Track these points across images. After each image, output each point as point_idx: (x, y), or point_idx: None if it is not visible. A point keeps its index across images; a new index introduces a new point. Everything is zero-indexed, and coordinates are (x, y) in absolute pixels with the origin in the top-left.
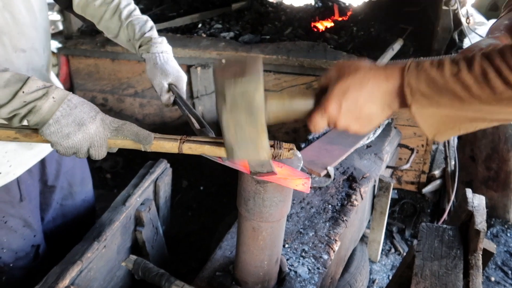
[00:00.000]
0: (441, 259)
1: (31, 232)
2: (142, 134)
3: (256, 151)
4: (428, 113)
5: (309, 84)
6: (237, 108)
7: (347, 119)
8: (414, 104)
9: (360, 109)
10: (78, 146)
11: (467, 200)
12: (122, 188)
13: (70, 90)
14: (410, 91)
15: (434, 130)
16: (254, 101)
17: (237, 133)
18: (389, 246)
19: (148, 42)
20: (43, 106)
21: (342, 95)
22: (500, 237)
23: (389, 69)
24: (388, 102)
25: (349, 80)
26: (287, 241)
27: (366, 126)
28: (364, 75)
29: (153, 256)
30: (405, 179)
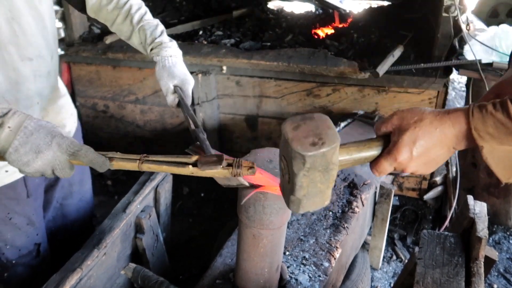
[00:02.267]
0: (442, 266)
1: (34, 230)
2: (97, 161)
3: (322, 201)
4: (500, 155)
5: (309, 91)
6: (314, 170)
7: (416, 165)
8: (486, 145)
9: (428, 155)
10: (41, 170)
11: (469, 207)
12: (123, 195)
13: (72, 97)
14: (479, 135)
15: (508, 172)
16: (331, 163)
17: (309, 190)
18: (391, 253)
19: (159, 46)
20: (0, 137)
21: (412, 144)
22: (502, 244)
23: (453, 115)
24: (454, 145)
25: (416, 129)
26: (287, 248)
27: (433, 167)
28: (430, 123)
29: (153, 264)
30: (406, 186)
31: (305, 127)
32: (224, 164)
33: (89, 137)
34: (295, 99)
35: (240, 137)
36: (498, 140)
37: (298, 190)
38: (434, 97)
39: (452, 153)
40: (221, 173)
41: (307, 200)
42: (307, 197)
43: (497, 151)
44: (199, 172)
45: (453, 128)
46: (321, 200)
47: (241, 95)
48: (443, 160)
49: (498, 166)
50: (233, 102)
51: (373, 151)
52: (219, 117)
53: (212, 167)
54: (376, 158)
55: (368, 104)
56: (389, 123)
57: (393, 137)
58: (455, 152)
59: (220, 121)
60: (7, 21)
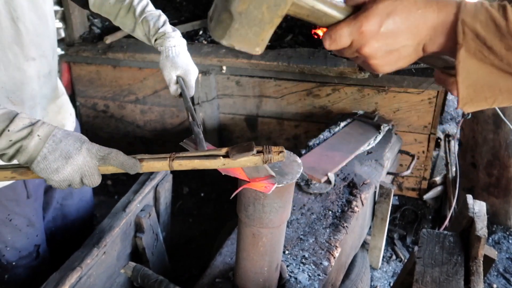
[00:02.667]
0: (442, 265)
1: (34, 231)
2: (127, 163)
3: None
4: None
5: (309, 91)
6: None
7: (378, 45)
8: (464, 46)
9: (396, 38)
10: (70, 178)
11: (468, 206)
12: (123, 194)
13: (72, 96)
14: (463, 30)
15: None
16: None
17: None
18: (390, 252)
19: (162, 37)
20: (29, 146)
21: (385, 15)
22: (502, 243)
23: (442, 2)
24: (428, 39)
25: (397, 2)
26: (287, 247)
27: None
28: (415, 2)
29: (153, 263)
30: (406, 186)
31: None
32: (254, 152)
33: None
34: (295, 99)
35: (240, 137)
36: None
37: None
38: (433, 97)
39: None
40: (253, 161)
41: (241, 25)
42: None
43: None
44: (231, 163)
45: (437, 16)
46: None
47: (241, 95)
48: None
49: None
50: (233, 102)
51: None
52: (219, 117)
53: (244, 155)
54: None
55: (368, 104)
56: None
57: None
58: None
59: (220, 121)
60: (11, 21)
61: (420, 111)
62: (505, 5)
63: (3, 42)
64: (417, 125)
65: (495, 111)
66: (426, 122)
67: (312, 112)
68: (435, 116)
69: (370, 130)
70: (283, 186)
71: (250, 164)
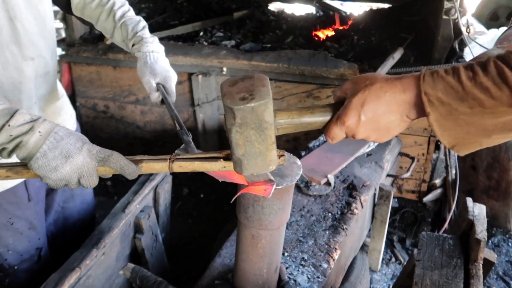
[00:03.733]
0: (441, 268)
1: (36, 234)
2: (127, 168)
3: (265, 164)
4: (447, 126)
5: (309, 92)
6: (247, 126)
7: (365, 130)
8: (433, 113)
9: (378, 121)
10: (67, 178)
11: (468, 209)
12: (122, 195)
13: (72, 97)
14: (428, 100)
15: (454, 142)
16: (264, 120)
17: (247, 149)
18: (390, 255)
19: (140, 42)
20: (29, 141)
21: (360, 107)
22: (502, 246)
23: (404, 80)
24: (406, 112)
25: (366, 92)
26: (286, 249)
27: (385, 136)
28: (380, 87)
29: (152, 264)
30: (406, 188)
31: (241, 84)
32: None
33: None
34: (295, 100)
35: None
36: (448, 107)
37: (235, 148)
38: None
39: (407, 123)
40: None
41: (248, 160)
42: (247, 157)
43: (446, 122)
44: (231, 166)
45: (404, 94)
46: (263, 163)
47: None
48: (397, 129)
49: (443, 135)
50: None
51: (318, 117)
52: (219, 118)
53: None
54: (327, 123)
55: None
56: (343, 88)
57: (346, 101)
58: (410, 122)
59: (220, 122)
60: (9, 20)
61: None
62: (458, 69)
63: (1, 41)
64: (417, 127)
65: None
66: (426, 124)
67: None
68: None
69: None
70: (282, 188)
71: None
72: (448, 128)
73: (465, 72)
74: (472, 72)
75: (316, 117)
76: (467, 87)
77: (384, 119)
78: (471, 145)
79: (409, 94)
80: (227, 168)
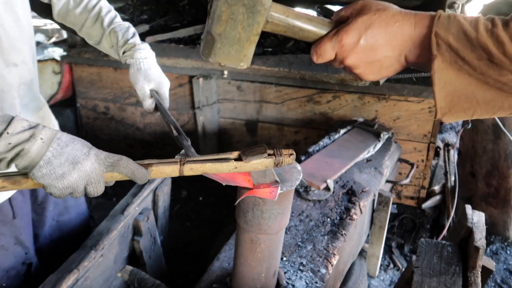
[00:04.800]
0: (439, 275)
1: (23, 249)
2: (138, 173)
3: (238, 57)
4: (448, 77)
5: (310, 97)
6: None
7: (359, 57)
8: (439, 57)
9: (376, 50)
10: (74, 186)
11: (467, 217)
12: (121, 197)
13: (72, 98)
14: (437, 42)
15: (448, 105)
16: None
17: (226, 29)
18: (388, 261)
19: (132, 48)
20: (31, 149)
21: (364, 29)
22: (500, 254)
23: (418, 15)
24: (406, 51)
25: (375, 15)
26: (285, 254)
27: (374, 73)
28: (392, 15)
29: (151, 266)
30: (405, 194)
31: None
32: (266, 154)
33: (89, 139)
34: (295, 105)
35: (239, 142)
36: (454, 55)
37: (215, 23)
38: (434, 106)
39: (401, 66)
40: (264, 163)
41: (222, 44)
42: (222, 40)
43: (447, 72)
44: (242, 166)
45: (414, 29)
46: (237, 54)
47: (241, 99)
48: (388, 70)
49: (441, 91)
50: (234, 107)
51: (314, 26)
52: (219, 121)
53: (257, 157)
54: (320, 37)
55: (368, 112)
56: (350, 7)
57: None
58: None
59: (220, 125)
60: None
61: (420, 120)
62: (478, 18)
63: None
64: (416, 134)
65: (495, 121)
66: (426, 131)
67: (312, 118)
68: (435, 125)
69: (370, 137)
70: (282, 192)
71: (262, 167)
72: (448, 81)
73: (484, 22)
74: (492, 24)
75: (311, 25)
76: (482, 36)
77: (382, 52)
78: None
79: (419, 30)
80: (239, 169)
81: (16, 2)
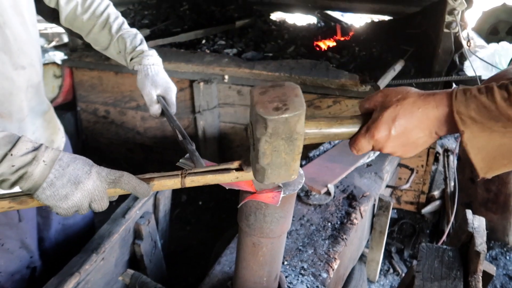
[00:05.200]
0: (441, 280)
1: (28, 253)
2: (140, 188)
3: (288, 174)
4: (480, 144)
5: (310, 102)
6: (277, 137)
7: (394, 145)
8: (466, 131)
9: (408, 136)
10: (78, 205)
11: (467, 221)
12: (120, 201)
13: (73, 101)
14: (461, 119)
15: (487, 165)
16: (295, 131)
17: (273, 159)
18: (388, 266)
19: (140, 55)
20: (34, 172)
21: (391, 122)
22: (499, 260)
23: (437, 96)
24: (436, 129)
25: (398, 107)
26: (286, 258)
27: (412, 151)
28: (413, 102)
29: (151, 270)
30: (405, 199)
31: (272, 93)
32: None
33: (89, 142)
34: None
35: (240, 146)
36: (480, 125)
37: (261, 158)
38: None
39: (434, 139)
40: None
41: (272, 170)
42: (271, 167)
43: (478, 140)
44: (244, 176)
45: (436, 110)
46: (286, 173)
47: (242, 104)
48: (424, 145)
49: (477, 156)
50: (234, 111)
51: (346, 128)
52: (219, 126)
53: None
54: (354, 135)
55: None
56: (372, 100)
57: (374, 114)
58: (437, 138)
59: (221, 130)
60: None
61: None
62: (492, 88)
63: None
64: None
65: None
66: None
67: None
68: None
69: None
70: (285, 196)
71: None
72: (482, 147)
73: (499, 92)
74: (507, 92)
75: (344, 128)
76: (502, 107)
77: (414, 135)
78: (504, 167)
79: (442, 110)
80: (240, 179)
81: (23, 6)
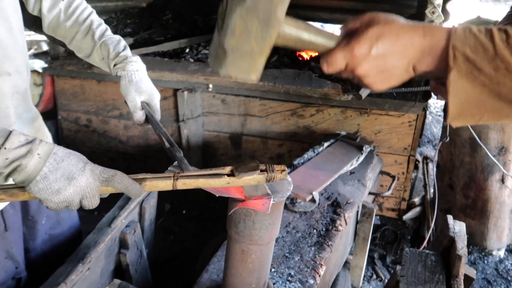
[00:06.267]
0: (424, 283)
1: (13, 263)
2: (132, 188)
3: (249, 70)
4: (462, 87)
5: (294, 111)
6: (254, 14)
7: (369, 66)
8: (454, 69)
9: (386, 60)
10: (69, 200)
11: (449, 226)
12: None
13: (54, 110)
14: (454, 54)
15: (458, 110)
16: (275, 14)
17: (239, 42)
18: (371, 272)
19: (124, 61)
20: (28, 164)
21: (375, 40)
22: (478, 264)
23: (427, 27)
24: (416, 61)
25: (386, 26)
26: (273, 265)
27: (383, 82)
28: (401, 27)
29: (137, 280)
30: (386, 206)
31: None
32: (259, 170)
33: None
34: (280, 118)
35: (224, 155)
36: (471, 65)
37: (228, 36)
38: (413, 120)
39: (409, 75)
40: (257, 179)
41: (234, 57)
42: (234, 52)
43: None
44: (235, 182)
45: (423, 39)
46: (248, 67)
47: (226, 113)
48: (397, 79)
49: (454, 99)
50: (218, 120)
51: (325, 39)
52: (203, 134)
53: (250, 173)
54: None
55: (350, 125)
56: (358, 20)
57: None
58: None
59: (204, 138)
60: None
61: (400, 134)
62: (491, 29)
63: None
64: (397, 147)
65: (472, 135)
66: (406, 144)
67: (296, 131)
68: (414, 139)
69: (353, 150)
70: (274, 203)
71: (254, 183)
72: (462, 90)
73: (499, 34)
74: (506, 35)
75: (321, 38)
76: (499, 47)
77: (392, 61)
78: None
79: (429, 41)
80: (231, 184)
81: (9, 11)
